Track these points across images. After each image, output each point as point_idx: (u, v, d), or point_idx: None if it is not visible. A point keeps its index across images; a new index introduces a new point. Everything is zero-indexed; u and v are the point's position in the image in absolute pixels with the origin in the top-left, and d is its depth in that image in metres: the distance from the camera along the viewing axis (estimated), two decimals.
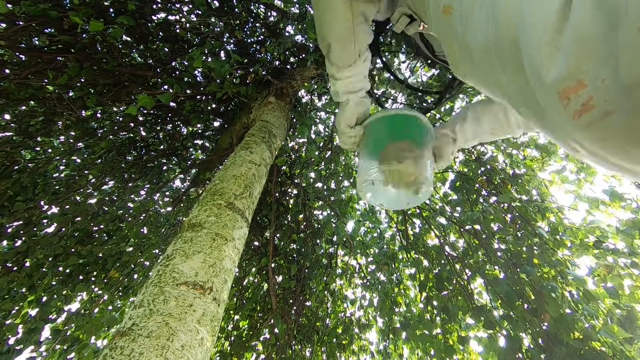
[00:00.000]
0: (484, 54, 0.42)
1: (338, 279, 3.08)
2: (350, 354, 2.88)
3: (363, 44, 0.75)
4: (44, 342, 2.12)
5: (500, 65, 0.39)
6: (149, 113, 2.76)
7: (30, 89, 2.10)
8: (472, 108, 0.85)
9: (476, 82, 0.51)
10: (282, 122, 2.04)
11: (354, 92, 0.83)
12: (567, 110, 0.30)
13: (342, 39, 0.73)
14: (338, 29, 0.71)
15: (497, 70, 0.41)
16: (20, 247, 2.16)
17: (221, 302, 0.94)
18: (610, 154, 0.30)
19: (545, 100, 0.33)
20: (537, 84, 0.33)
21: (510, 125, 0.80)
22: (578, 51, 0.28)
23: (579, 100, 0.29)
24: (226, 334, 2.69)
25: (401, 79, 1.19)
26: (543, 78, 0.32)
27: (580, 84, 0.28)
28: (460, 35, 0.47)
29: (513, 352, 1.71)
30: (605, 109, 0.27)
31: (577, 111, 0.29)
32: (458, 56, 0.51)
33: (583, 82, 0.28)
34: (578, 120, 0.29)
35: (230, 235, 1.10)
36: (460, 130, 0.85)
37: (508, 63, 0.38)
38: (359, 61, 0.77)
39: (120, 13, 2.01)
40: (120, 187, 2.90)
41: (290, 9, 2.59)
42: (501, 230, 2.25)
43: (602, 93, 0.27)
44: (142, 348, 0.70)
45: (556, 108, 0.31)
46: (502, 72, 0.40)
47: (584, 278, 1.79)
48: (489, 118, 0.82)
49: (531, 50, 0.33)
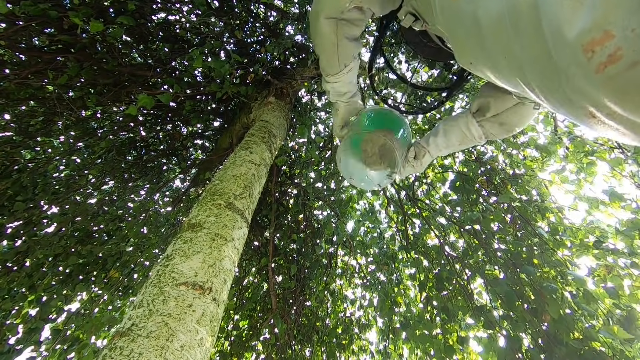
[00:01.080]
0: (497, 24, 0.42)
1: (338, 279, 3.08)
2: (350, 354, 2.88)
3: (347, 58, 0.88)
4: (44, 341, 2.12)
5: (515, 33, 0.39)
6: (149, 113, 2.76)
7: (30, 89, 2.10)
8: (444, 123, 0.99)
9: (483, 65, 0.51)
10: (282, 122, 2.04)
11: (341, 95, 0.98)
12: (590, 63, 0.29)
13: (327, 54, 0.87)
14: (323, 46, 0.85)
15: (511, 39, 0.40)
16: (20, 247, 2.16)
17: (221, 302, 0.94)
18: (631, 109, 0.29)
19: (566, 59, 0.31)
20: (557, 43, 0.32)
21: (474, 137, 0.93)
22: (605, 1, 0.27)
23: (605, 52, 0.28)
24: (226, 333, 2.70)
25: (403, 77, 1.21)
26: (565, 34, 0.31)
27: (608, 34, 0.27)
28: (469, 15, 0.47)
29: (513, 352, 1.71)
30: (634, 58, 0.26)
31: (602, 63, 0.28)
32: (464, 41, 0.51)
33: (610, 33, 0.27)
34: (602, 72, 0.28)
35: (229, 236, 1.10)
36: (432, 142, 1.00)
37: (524, 27, 0.37)
38: (343, 71, 0.91)
39: (120, 13, 2.01)
40: (120, 187, 2.90)
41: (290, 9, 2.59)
42: (501, 230, 2.25)
43: (632, 43, 0.26)
44: (142, 348, 0.70)
45: (578, 64, 0.30)
46: (516, 40, 0.39)
47: (584, 278, 1.79)
48: (456, 132, 0.95)
49: (552, 8, 0.32)
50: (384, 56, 1.15)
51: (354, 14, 0.79)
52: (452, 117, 0.98)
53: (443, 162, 2.97)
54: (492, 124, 0.89)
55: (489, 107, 0.86)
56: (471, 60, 0.54)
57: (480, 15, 0.45)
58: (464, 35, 0.51)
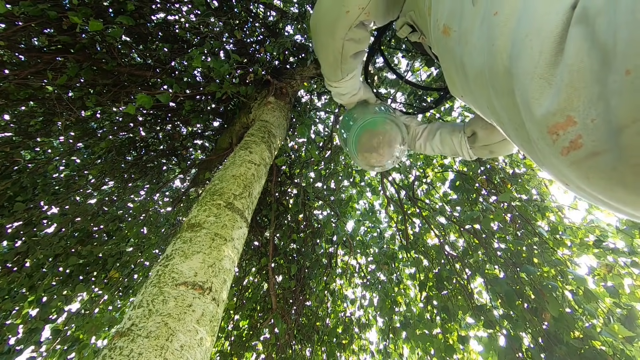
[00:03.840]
0: (479, 77, 0.42)
1: (338, 279, 3.08)
2: (350, 354, 2.88)
3: (350, 70, 0.88)
4: (44, 342, 2.12)
5: (494, 91, 0.39)
6: (148, 113, 2.76)
7: (30, 90, 2.09)
8: (442, 129, 1.01)
9: (471, 103, 0.52)
10: (281, 121, 2.04)
11: (341, 95, 0.99)
12: (555, 145, 0.30)
13: (329, 66, 0.86)
14: (326, 59, 0.84)
15: (491, 94, 0.40)
16: (21, 248, 2.16)
17: (220, 302, 0.94)
18: (597, 192, 0.29)
19: (535, 133, 0.32)
20: (527, 115, 0.33)
21: (464, 155, 0.98)
22: (570, 87, 0.28)
23: (567, 137, 0.28)
24: (226, 333, 2.70)
25: (401, 75, 1.21)
26: (533, 111, 0.31)
27: (570, 120, 0.28)
28: (458, 56, 0.47)
29: (513, 351, 1.71)
30: (593, 149, 0.26)
31: (565, 148, 0.29)
32: (454, 77, 0.52)
33: (573, 119, 0.28)
34: (566, 156, 0.29)
35: (229, 236, 1.10)
36: (428, 143, 1.04)
37: (501, 89, 0.37)
38: (345, 79, 0.91)
39: (119, 13, 2.01)
40: (120, 187, 2.90)
41: (289, 9, 2.59)
42: (501, 229, 2.24)
43: (591, 133, 0.26)
44: (141, 348, 0.70)
45: (546, 142, 0.31)
46: (495, 97, 0.40)
47: (584, 277, 1.79)
48: (449, 145, 0.99)
49: (524, 81, 0.32)
50: (384, 55, 1.15)
51: (358, 32, 0.77)
52: (448, 128, 1.00)
53: (443, 162, 2.97)
54: (482, 150, 0.93)
55: (479, 138, 0.91)
56: (462, 94, 0.54)
57: (465, 62, 0.45)
58: (454, 71, 0.51)
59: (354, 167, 3.12)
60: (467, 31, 0.44)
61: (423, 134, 1.04)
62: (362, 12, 0.72)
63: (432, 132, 1.03)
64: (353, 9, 0.72)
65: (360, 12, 0.72)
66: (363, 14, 0.73)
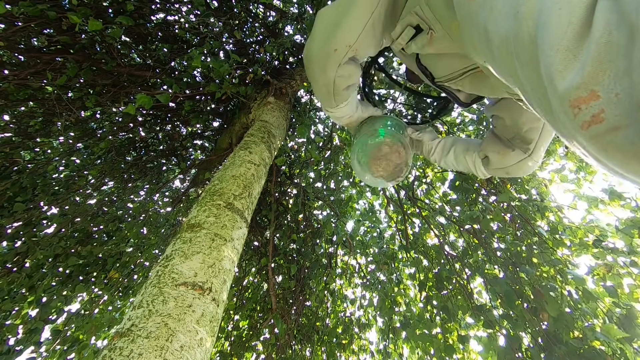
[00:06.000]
0: (503, 45, 0.41)
1: (338, 279, 3.09)
2: (350, 354, 2.88)
3: (343, 99, 0.88)
4: (44, 342, 2.12)
5: (518, 60, 0.39)
6: (148, 113, 2.76)
7: (30, 90, 2.09)
8: (456, 145, 1.02)
9: (494, 71, 0.51)
10: (281, 122, 2.04)
11: (338, 118, 0.98)
12: (576, 119, 0.29)
13: (323, 95, 0.86)
14: (320, 90, 0.84)
15: (515, 63, 0.40)
16: (20, 248, 2.16)
17: (220, 303, 0.94)
18: (614, 164, 0.30)
19: (557, 105, 0.32)
20: (550, 87, 0.33)
21: (479, 174, 0.99)
22: (596, 61, 0.27)
23: (589, 111, 0.28)
24: (226, 334, 2.70)
25: (400, 83, 1.22)
26: (556, 84, 0.31)
27: (593, 94, 0.28)
28: (482, 22, 0.46)
29: (513, 351, 1.71)
30: (614, 124, 0.27)
31: (586, 122, 0.29)
32: (477, 44, 0.50)
33: (596, 93, 0.27)
34: (586, 130, 0.29)
35: (229, 236, 1.10)
36: (443, 158, 1.04)
37: (525, 59, 0.37)
38: (339, 106, 0.90)
39: (119, 13, 2.01)
40: (119, 187, 2.90)
41: (289, 9, 2.59)
42: (501, 229, 2.25)
43: (614, 107, 0.26)
44: (141, 349, 0.70)
45: (567, 115, 0.31)
46: (519, 67, 0.39)
47: (583, 277, 1.79)
48: (463, 163, 1.00)
49: (549, 52, 0.32)
50: (384, 71, 1.16)
51: (348, 69, 0.77)
52: (463, 146, 1.00)
53: None
54: (498, 171, 0.94)
55: (492, 162, 0.92)
56: (484, 60, 0.53)
57: (490, 30, 0.44)
58: (476, 38, 0.50)
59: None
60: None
61: (437, 149, 1.04)
62: (350, 50, 0.72)
63: (445, 148, 1.03)
64: (340, 47, 0.72)
65: (348, 49, 0.72)
66: (350, 51, 0.73)
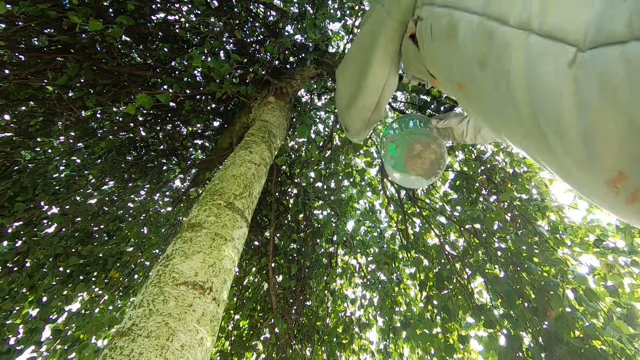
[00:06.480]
0: (504, 124, 0.42)
1: (338, 279, 3.08)
2: (351, 354, 2.88)
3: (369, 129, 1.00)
4: (44, 342, 2.12)
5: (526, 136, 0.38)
6: (148, 113, 2.76)
7: (30, 90, 2.09)
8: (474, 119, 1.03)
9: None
10: (281, 121, 2.04)
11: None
12: (619, 196, 0.29)
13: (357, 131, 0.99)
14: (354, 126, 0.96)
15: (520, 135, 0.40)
16: (21, 248, 2.16)
17: (221, 302, 0.94)
18: None
19: (593, 185, 0.32)
20: (579, 169, 0.32)
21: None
22: (608, 147, 0.28)
23: (628, 190, 0.28)
24: (226, 333, 2.70)
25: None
26: (584, 168, 0.31)
27: (622, 175, 0.28)
28: (476, 107, 0.49)
29: (513, 350, 1.71)
30: None
31: (629, 198, 0.28)
32: (480, 120, 0.53)
33: (625, 174, 0.27)
34: (632, 205, 0.29)
35: (229, 235, 1.10)
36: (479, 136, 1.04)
37: (535, 139, 0.37)
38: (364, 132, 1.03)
39: (119, 13, 2.01)
40: (120, 187, 2.90)
41: (289, 9, 2.59)
42: (501, 229, 2.24)
43: None
44: (142, 348, 0.70)
45: (606, 194, 0.31)
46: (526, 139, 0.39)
47: (584, 276, 1.79)
48: None
49: (563, 142, 0.32)
50: None
51: (375, 116, 0.90)
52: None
53: None
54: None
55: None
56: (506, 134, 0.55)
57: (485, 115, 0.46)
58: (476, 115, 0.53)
59: (354, 167, 3.12)
60: (485, 97, 0.44)
61: (469, 129, 1.04)
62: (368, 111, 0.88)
63: (478, 123, 1.02)
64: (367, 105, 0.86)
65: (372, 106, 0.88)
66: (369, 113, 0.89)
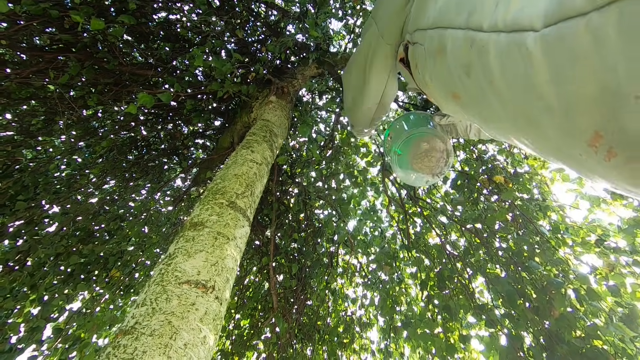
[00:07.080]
0: (493, 119, 0.46)
1: (339, 278, 3.08)
2: (351, 353, 2.88)
3: (374, 126, 1.15)
4: (45, 341, 2.12)
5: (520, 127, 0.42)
6: (150, 112, 2.76)
7: (32, 89, 2.09)
8: None
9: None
10: (283, 121, 2.04)
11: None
12: (598, 155, 0.32)
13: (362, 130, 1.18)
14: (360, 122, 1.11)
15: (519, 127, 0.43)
16: (22, 247, 2.16)
17: (223, 301, 0.94)
18: None
19: (576, 150, 0.35)
20: (563, 136, 0.36)
21: None
22: (584, 111, 0.31)
23: (604, 147, 0.31)
24: (227, 333, 2.70)
25: None
26: (567, 135, 0.35)
27: (597, 134, 0.31)
28: (470, 111, 0.52)
29: (514, 350, 1.71)
30: (626, 155, 0.29)
31: (606, 155, 0.31)
32: (476, 124, 0.57)
33: (599, 133, 0.31)
34: (610, 162, 0.32)
35: (232, 234, 1.10)
36: (482, 131, 1.12)
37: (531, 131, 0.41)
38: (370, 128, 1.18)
39: (121, 12, 2.01)
40: (121, 186, 2.90)
41: (291, 8, 2.58)
42: (502, 229, 2.24)
43: (617, 143, 0.29)
44: (145, 346, 0.70)
45: (589, 155, 0.34)
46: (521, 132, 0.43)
47: (586, 275, 1.79)
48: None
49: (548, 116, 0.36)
50: None
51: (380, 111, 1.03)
52: None
53: None
54: None
55: None
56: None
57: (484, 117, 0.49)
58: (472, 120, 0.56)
59: (354, 167, 3.11)
60: (475, 97, 0.48)
61: (472, 125, 1.08)
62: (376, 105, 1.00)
63: None
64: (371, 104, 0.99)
65: (375, 106, 0.99)
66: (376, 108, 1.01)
